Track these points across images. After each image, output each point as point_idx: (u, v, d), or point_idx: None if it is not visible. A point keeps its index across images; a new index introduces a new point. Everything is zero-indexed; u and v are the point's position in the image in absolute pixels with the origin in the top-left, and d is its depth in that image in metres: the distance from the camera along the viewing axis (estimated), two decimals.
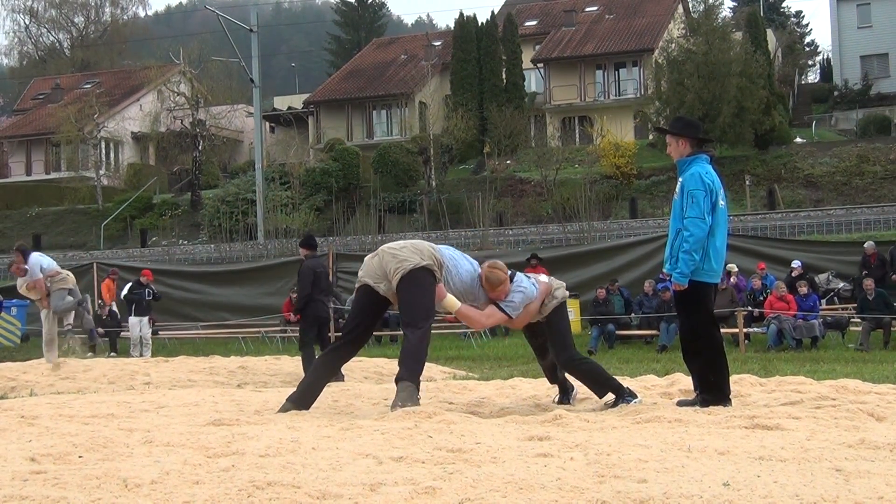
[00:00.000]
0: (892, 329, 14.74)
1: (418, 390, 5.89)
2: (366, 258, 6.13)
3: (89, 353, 12.05)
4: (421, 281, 5.88)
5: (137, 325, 17.63)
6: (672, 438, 4.42)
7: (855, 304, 16.03)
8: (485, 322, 6.35)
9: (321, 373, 6.20)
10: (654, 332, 16.43)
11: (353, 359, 13.25)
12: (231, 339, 19.44)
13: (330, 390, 7.79)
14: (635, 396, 6.22)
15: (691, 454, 4.02)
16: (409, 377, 5.82)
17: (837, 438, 4.41)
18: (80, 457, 4.15)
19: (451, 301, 6.04)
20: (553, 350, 6.37)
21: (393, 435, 4.57)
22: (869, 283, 15.18)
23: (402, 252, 5.94)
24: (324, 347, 10.93)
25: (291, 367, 12.15)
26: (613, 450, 4.05)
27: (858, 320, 15.42)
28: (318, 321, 11.41)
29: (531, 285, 6.27)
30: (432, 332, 18.67)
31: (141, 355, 17.02)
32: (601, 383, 6.28)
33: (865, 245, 17.64)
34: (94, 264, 22.52)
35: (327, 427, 5.01)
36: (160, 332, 19.78)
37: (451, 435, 4.56)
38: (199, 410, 6.10)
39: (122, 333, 18.67)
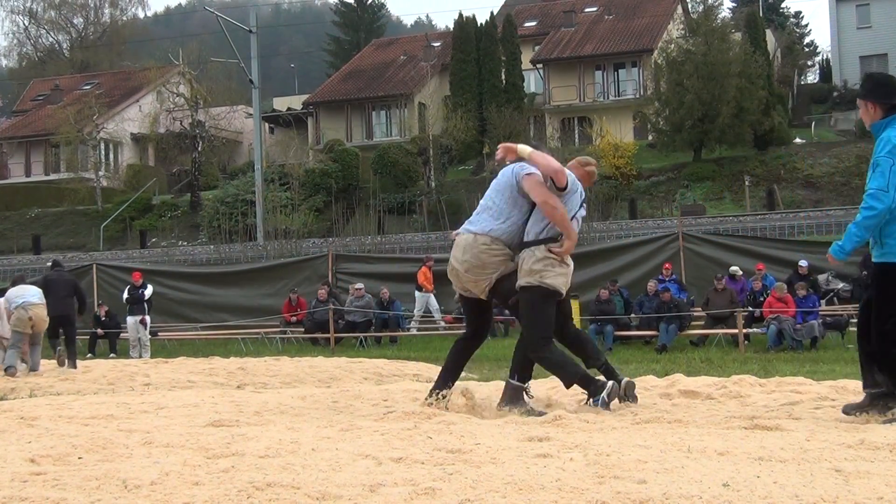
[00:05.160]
0: None
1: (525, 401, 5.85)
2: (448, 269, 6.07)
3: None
4: (526, 298, 5.81)
5: (135, 327, 17.70)
6: (672, 439, 4.42)
7: (855, 305, 15.99)
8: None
9: (457, 361, 6.24)
10: (653, 332, 16.43)
11: (353, 359, 13.34)
12: (231, 340, 19.44)
13: (330, 391, 7.80)
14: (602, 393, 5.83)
15: (691, 455, 4.02)
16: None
17: (837, 439, 4.41)
18: (79, 458, 4.16)
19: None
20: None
21: (392, 436, 4.58)
22: None
23: (469, 274, 5.88)
24: None
25: (291, 367, 12.15)
26: (613, 450, 4.05)
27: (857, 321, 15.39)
28: None
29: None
30: (432, 332, 18.53)
31: (140, 356, 17.04)
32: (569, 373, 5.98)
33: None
34: (94, 265, 22.53)
35: (327, 428, 5.01)
36: (159, 334, 19.77)
37: (450, 436, 4.56)
38: (198, 411, 6.10)
39: (122, 335, 18.68)
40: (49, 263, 15.34)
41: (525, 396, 5.99)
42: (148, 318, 17.90)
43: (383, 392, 7.46)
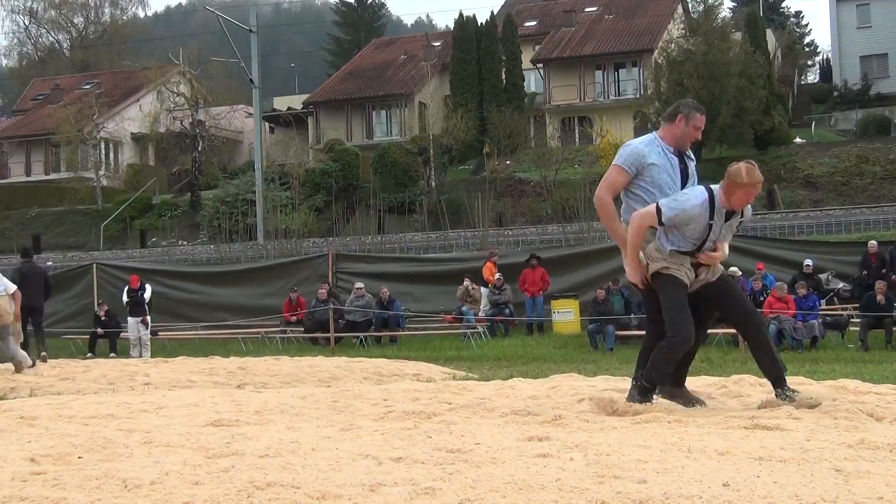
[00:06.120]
0: (893, 329, 14.72)
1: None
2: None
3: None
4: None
5: (135, 327, 17.73)
6: (672, 439, 4.42)
7: (855, 305, 15.98)
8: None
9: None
10: None
11: (353, 359, 13.33)
12: (231, 339, 19.43)
13: (330, 391, 7.80)
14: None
15: (691, 455, 4.02)
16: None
17: (837, 439, 4.41)
18: (79, 457, 4.16)
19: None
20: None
21: (392, 435, 4.58)
22: (882, 286, 15.05)
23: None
24: None
25: (291, 367, 12.13)
26: (613, 450, 4.05)
27: (857, 320, 15.39)
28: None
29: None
30: (432, 332, 18.43)
31: (140, 356, 17.06)
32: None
33: (869, 244, 17.58)
34: (94, 265, 22.52)
35: (327, 427, 5.02)
36: (160, 333, 19.77)
37: (450, 435, 4.56)
38: (198, 411, 6.10)
39: (122, 335, 18.68)
40: (20, 255, 16.39)
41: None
42: (149, 317, 17.95)
43: (383, 392, 7.45)
